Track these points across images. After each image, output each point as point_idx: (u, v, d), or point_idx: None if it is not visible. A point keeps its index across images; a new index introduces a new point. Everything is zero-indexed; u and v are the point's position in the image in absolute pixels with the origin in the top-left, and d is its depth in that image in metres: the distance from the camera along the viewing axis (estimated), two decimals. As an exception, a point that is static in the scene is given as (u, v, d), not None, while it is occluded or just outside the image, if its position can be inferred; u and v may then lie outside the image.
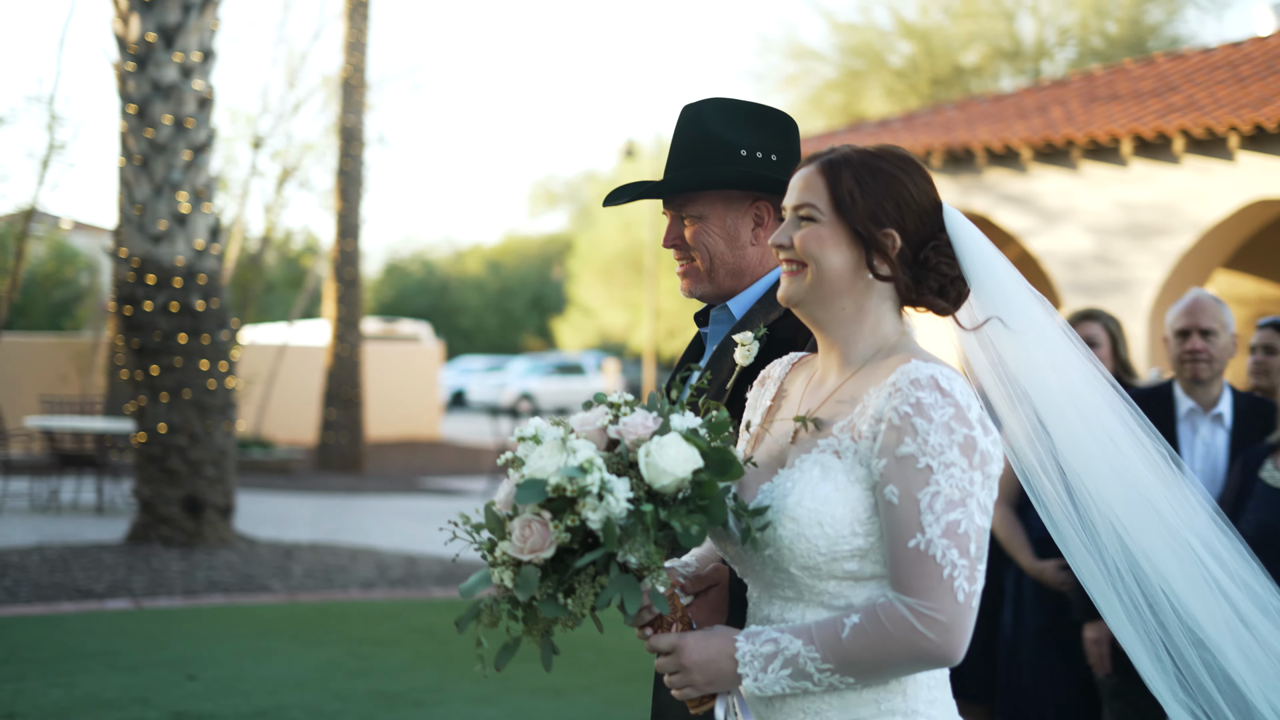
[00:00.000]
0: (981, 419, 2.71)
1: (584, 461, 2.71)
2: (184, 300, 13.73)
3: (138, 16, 13.59)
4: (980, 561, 2.67)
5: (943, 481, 2.66)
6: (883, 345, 2.89)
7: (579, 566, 2.72)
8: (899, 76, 30.97)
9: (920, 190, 2.87)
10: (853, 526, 2.74)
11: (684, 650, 2.79)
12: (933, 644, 2.64)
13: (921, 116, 23.16)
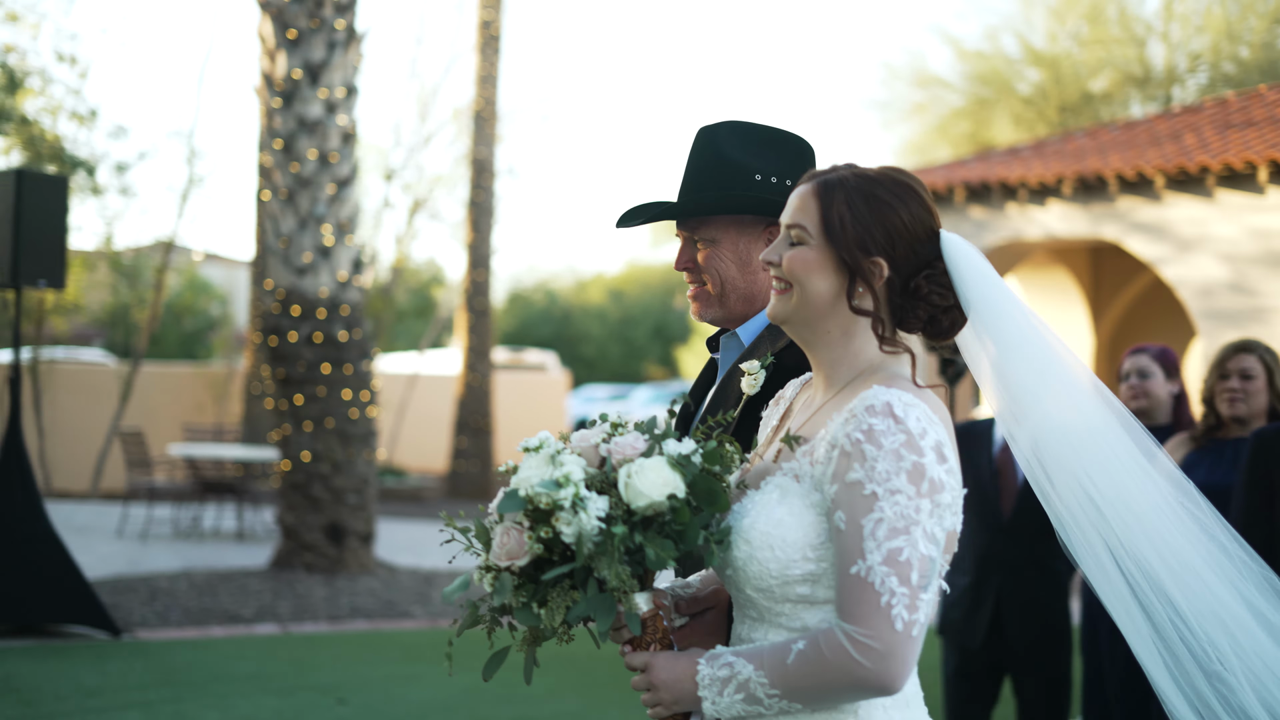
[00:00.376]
0: (938, 447, 2.67)
1: (560, 476, 2.75)
2: (328, 331, 14.01)
3: (285, 54, 13.92)
4: (924, 590, 2.62)
5: (887, 508, 2.62)
6: (865, 368, 2.86)
7: (548, 579, 2.76)
8: (1027, 104, 30.73)
9: (914, 218, 2.83)
10: (804, 551, 2.74)
11: (654, 669, 2.82)
12: (869, 672, 2.60)
13: (1051, 144, 23.00)
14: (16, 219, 10.74)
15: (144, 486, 18.06)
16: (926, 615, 2.65)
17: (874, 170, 2.90)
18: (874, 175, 2.88)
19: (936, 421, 2.71)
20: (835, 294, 2.84)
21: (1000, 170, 21.72)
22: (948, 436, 2.73)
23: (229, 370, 27.38)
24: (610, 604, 2.78)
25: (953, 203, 21.90)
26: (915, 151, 32.77)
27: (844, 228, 2.82)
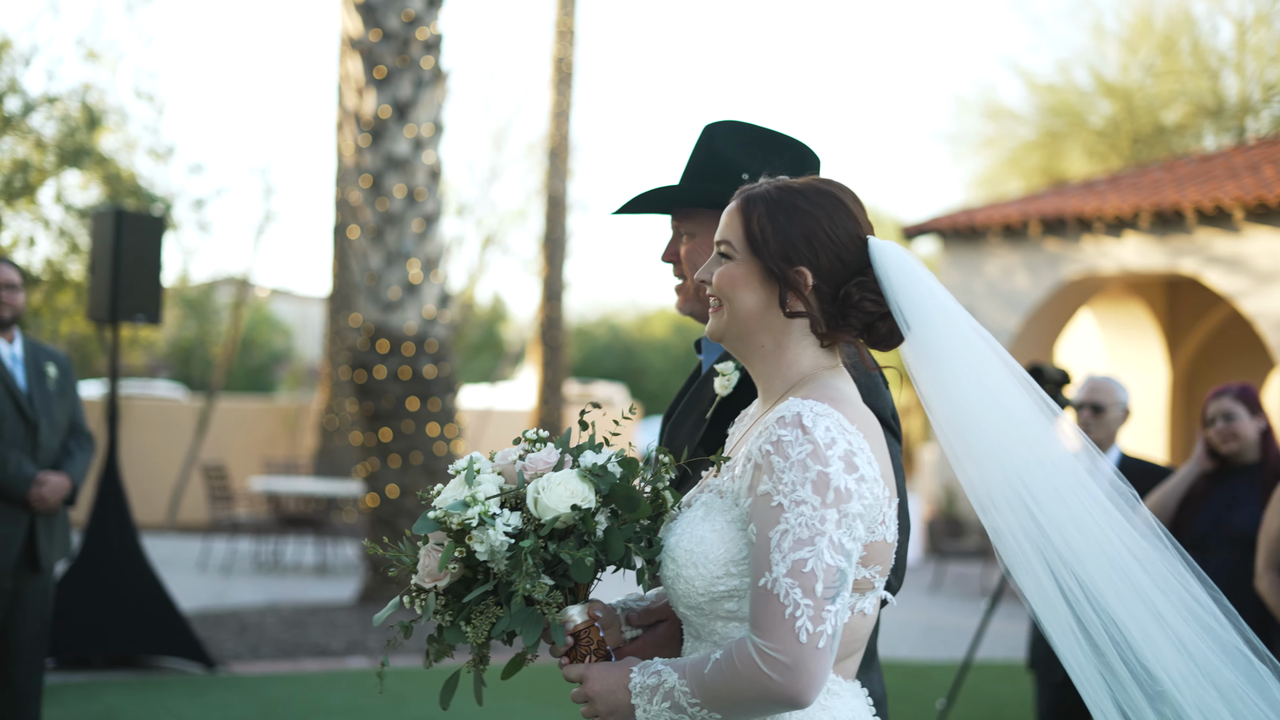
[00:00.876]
0: (847, 456, 2.64)
1: (468, 496, 2.79)
2: (415, 366, 14.10)
3: (373, 92, 14.06)
4: (830, 602, 2.59)
5: (792, 520, 2.60)
6: (797, 381, 2.85)
7: (469, 599, 2.79)
8: (1099, 136, 30.61)
9: (837, 225, 2.83)
10: (727, 567, 2.73)
11: (589, 680, 2.82)
12: (776, 685, 2.58)
13: (1127, 177, 22.91)
14: (115, 256, 10.90)
15: (226, 520, 18.20)
16: (835, 627, 2.60)
17: (798, 181, 2.91)
18: (796, 186, 2.88)
19: (851, 431, 2.68)
20: (764, 307, 2.84)
21: (1076, 203, 21.65)
22: (865, 445, 2.70)
23: (299, 404, 27.56)
24: (535, 617, 2.80)
25: (1027, 236, 21.83)
26: (986, 184, 32.70)
27: (765, 240, 2.83)
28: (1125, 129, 30.26)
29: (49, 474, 7.59)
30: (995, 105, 31.92)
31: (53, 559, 7.75)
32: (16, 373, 7.70)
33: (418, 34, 14.05)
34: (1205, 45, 30.57)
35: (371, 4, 14.05)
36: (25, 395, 7.66)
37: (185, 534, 22.30)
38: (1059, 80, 31.28)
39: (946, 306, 2.85)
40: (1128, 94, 30.33)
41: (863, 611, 2.79)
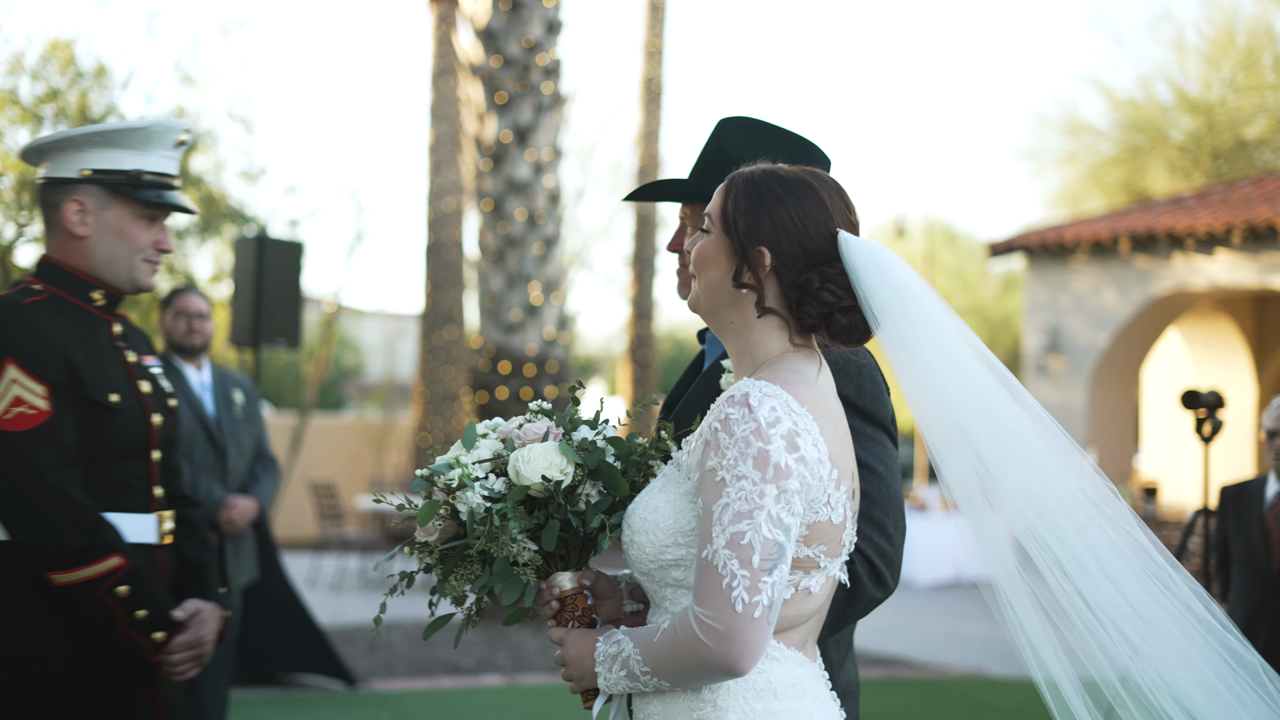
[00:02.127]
0: (789, 435, 2.72)
1: (453, 458, 2.97)
2: (536, 388, 14.30)
3: (494, 117, 14.30)
4: (766, 574, 2.66)
5: (733, 494, 2.68)
6: (764, 362, 2.91)
7: (444, 549, 2.97)
8: (1181, 151, 30.57)
9: (804, 213, 2.89)
10: (675, 536, 2.82)
11: (566, 644, 2.94)
12: (713, 652, 2.66)
13: (1215, 193, 22.91)
14: (258, 282, 11.11)
15: (335, 537, 18.44)
16: (771, 598, 2.68)
17: (785, 168, 2.98)
18: (779, 172, 2.96)
19: (799, 412, 2.76)
20: (729, 282, 2.93)
21: (1166, 220, 21.66)
22: (813, 427, 2.77)
23: (387, 421, 27.81)
24: (515, 578, 2.94)
25: (1117, 253, 21.86)
26: (1067, 201, 32.68)
27: (736, 218, 2.91)
28: (1206, 144, 30.20)
29: (237, 498, 7.82)
30: (1076, 121, 31.92)
31: (239, 580, 7.97)
32: (205, 399, 7.93)
33: (538, 60, 14.29)
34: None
35: (493, 31, 14.29)
36: (214, 421, 7.89)
37: (291, 550, 22.57)
38: (1140, 95, 31.26)
39: (923, 303, 2.91)
40: (1209, 109, 30.27)
41: (808, 589, 2.86)
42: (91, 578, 3.63)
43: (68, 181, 3.82)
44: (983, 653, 14.04)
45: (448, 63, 22.92)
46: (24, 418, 3.63)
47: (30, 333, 3.69)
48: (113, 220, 3.82)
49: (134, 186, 3.80)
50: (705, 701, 2.83)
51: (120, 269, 3.85)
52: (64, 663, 3.75)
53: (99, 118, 22.88)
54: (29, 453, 3.63)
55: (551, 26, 14.46)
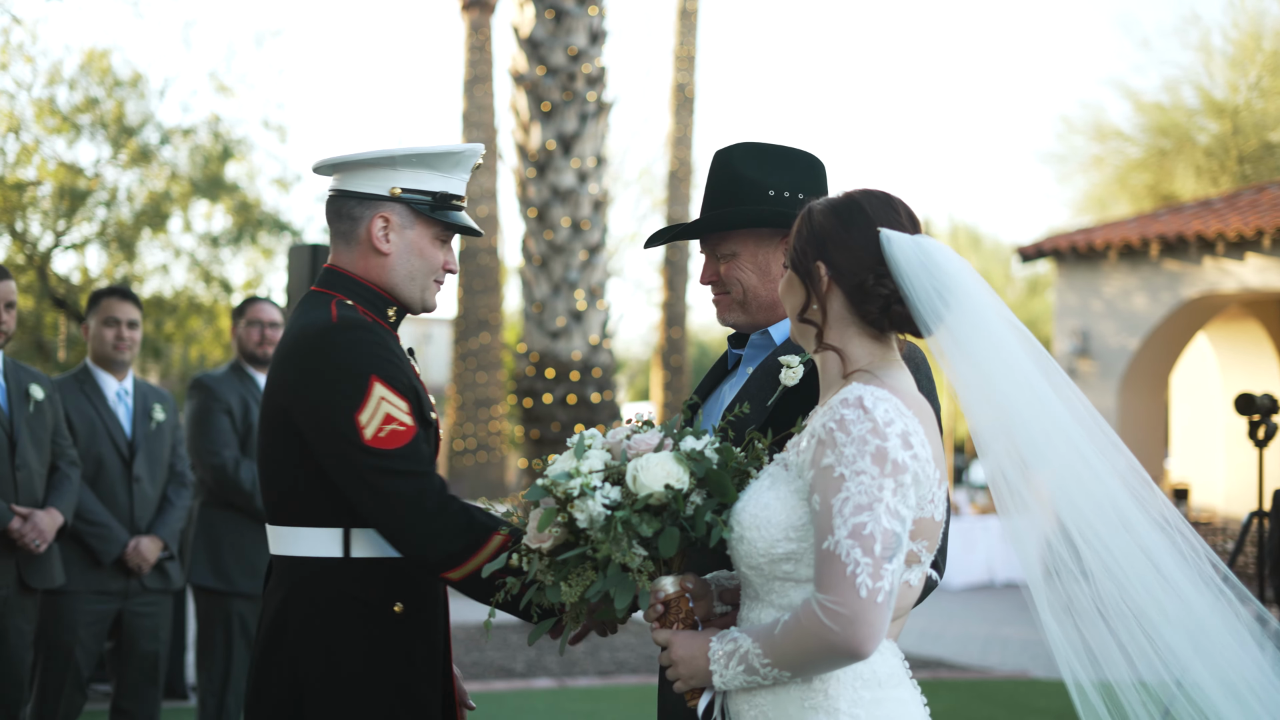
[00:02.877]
0: (904, 435, 2.89)
1: (573, 467, 3.06)
2: (580, 393, 14.45)
3: (539, 126, 14.45)
4: (887, 561, 2.81)
5: (852, 488, 2.83)
6: (854, 371, 3.07)
7: (562, 559, 3.07)
8: (1208, 155, 30.63)
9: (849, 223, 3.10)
10: (786, 532, 2.97)
11: (673, 645, 3.08)
12: (838, 636, 2.79)
13: (1244, 196, 22.96)
14: (311, 289, 11.24)
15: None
16: (893, 584, 2.83)
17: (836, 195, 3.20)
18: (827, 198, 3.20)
19: (908, 415, 2.93)
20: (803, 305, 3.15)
21: (1196, 224, 21.72)
22: (920, 429, 2.94)
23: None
24: (629, 583, 3.04)
25: (1147, 256, 21.93)
26: (1093, 205, 32.75)
27: (796, 247, 3.15)
28: (1233, 148, 30.26)
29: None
30: (1103, 125, 32.00)
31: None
32: (266, 407, 8.07)
33: (582, 69, 14.43)
34: (1314, 64, 30.53)
35: (537, 40, 14.44)
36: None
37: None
38: (1166, 100, 31.32)
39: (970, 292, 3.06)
40: (1235, 113, 30.32)
41: (908, 582, 3.03)
42: (484, 564, 3.58)
43: (375, 198, 3.85)
44: (1023, 654, 14.14)
45: (480, 71, 23.09)
46: (396, 435, 3.63)
47: (385, 349, 3.71)
48: (414, 239, 3.85)
49: (437, 208, 3.84)
50: (816, 692, 2.98)
51: (415, 288, 3.87)
52: (394, 683, 3.76)
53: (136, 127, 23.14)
54: (406, 468, 3.63)
55: (595, 36, 14.61)
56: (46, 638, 6.98)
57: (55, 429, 6.94)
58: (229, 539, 7.80)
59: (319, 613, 3.73)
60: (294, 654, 3.74)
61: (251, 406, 7.93)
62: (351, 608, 3.73)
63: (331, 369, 3.68)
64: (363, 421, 3.61)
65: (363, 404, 3.62)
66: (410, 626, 3.78)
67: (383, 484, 3.61)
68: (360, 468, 3.62)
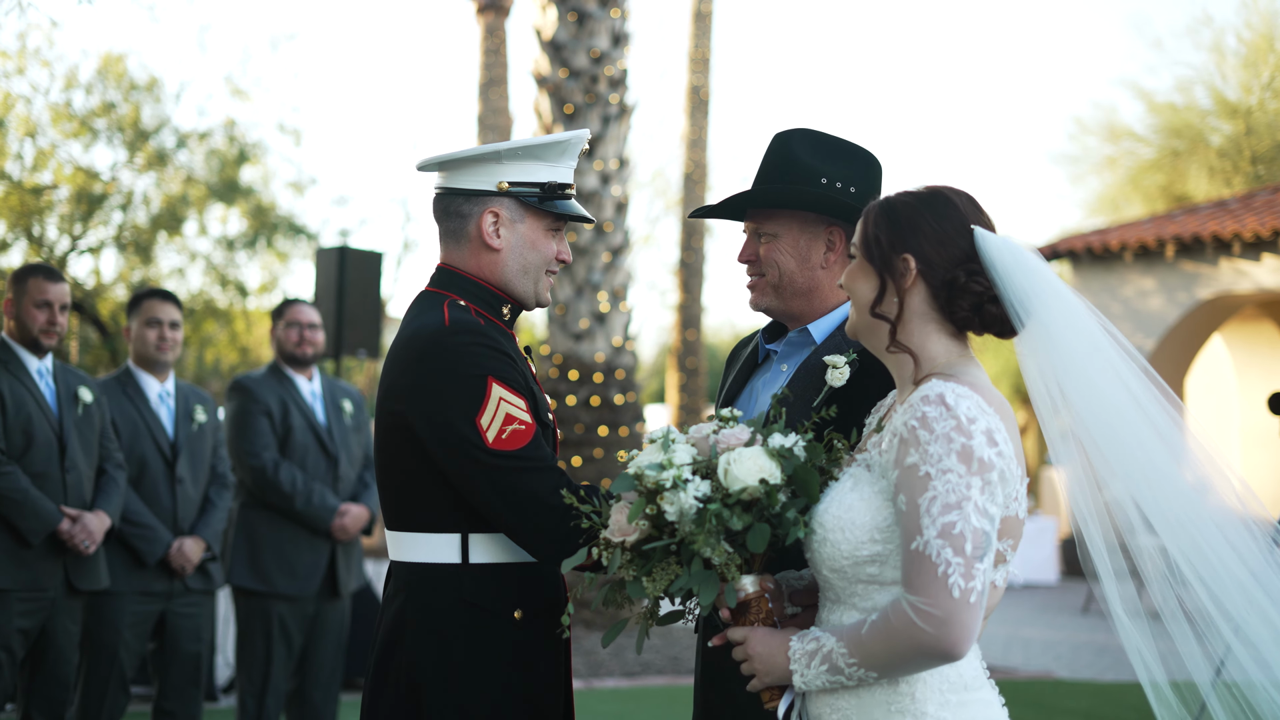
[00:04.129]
0: (988, 432, 2.86)
1: (665, 459, 3.03)
2: (604, 395, 14.45)
3: (561, 128, 14.45)
4: (978, 560, 2.80)
5: (939, 487, 2.81)
6: (931, 368, 3.06)
7: (649, 548, 3.04)
8: (1221, 156, 30.63)
9: (941, 217, 3.07)
10: (871, 534, 2.94)
11: (751, 643, 3.06)
12: (931, 637, 2.78)
13: (1260, 197, 22.96)
14: (340, 293, 11.24)
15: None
16: (984, 584, 2.81)
17: (913, 189, 3.17)
18: (908, 190, 3.16)
19: (990, 412, 2.90)
20: (876, 299, 3.11)
21: (1211, 224, 21.72)
22: (1002, 426, 2.91)
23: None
24: (713, 579, 3.02)
25: (1163, 258, 21.93)
26: (1106, 206, 32.73)
27: (877, 237, 3.11)
28: (1245, 149, 30.25)
29: (350, 505, 7.96)
30: (1116, 126, 31.98)
31: (350, 585, 8.13)
32: (316, 409, 8.08)
33: (605, 71, 14.45)
34: (1327, 64, 30.53)
35: (559, 43, 14.46)
36: (326, 430, 8.05)
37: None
38: (1179, 100, 31.32)
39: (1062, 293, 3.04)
40: (1248, 113, 30.32)
41: (994, 583, 3.01)
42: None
43: (483, 193, 3.81)
44: (1045, 655, 14.15)
45: (496, 73, 23.11)
46: (518, 434, 3.58)
47: (498, 350, 3.65)
48: (526, 232, 3.81)
49: (546, 199, 3.80)
50: (903, 695, 2.96)
51: (529, 281, 3.82)
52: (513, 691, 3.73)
53: (152, 130, 23.19)
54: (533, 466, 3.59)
55: (618, 38, 14.63)
56: (91, 638, 7.02)
57: (103, 431, 6.98)
58: (269, 541, 7.84)
59: (436, 618, 3.69)
60: (411, 659, 3.70)
61: (291, 408, 7.95)
62: (469, 614, 3.69)
63: (448, 374, 3.62)
64: (484, 425, 3.57)
65: (483, 407, 3.57)
66: (530, 634, 3.73)
67: (510, 484, 3.56)
68: (487, 470, 3.57)
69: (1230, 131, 30.73)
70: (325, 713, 8.08)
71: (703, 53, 24.92)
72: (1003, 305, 3.05)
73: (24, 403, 6.61)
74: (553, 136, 3.82)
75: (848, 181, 3.79)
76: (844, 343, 3.74)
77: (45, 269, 6.84)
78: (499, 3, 22.85)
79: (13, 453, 6.55)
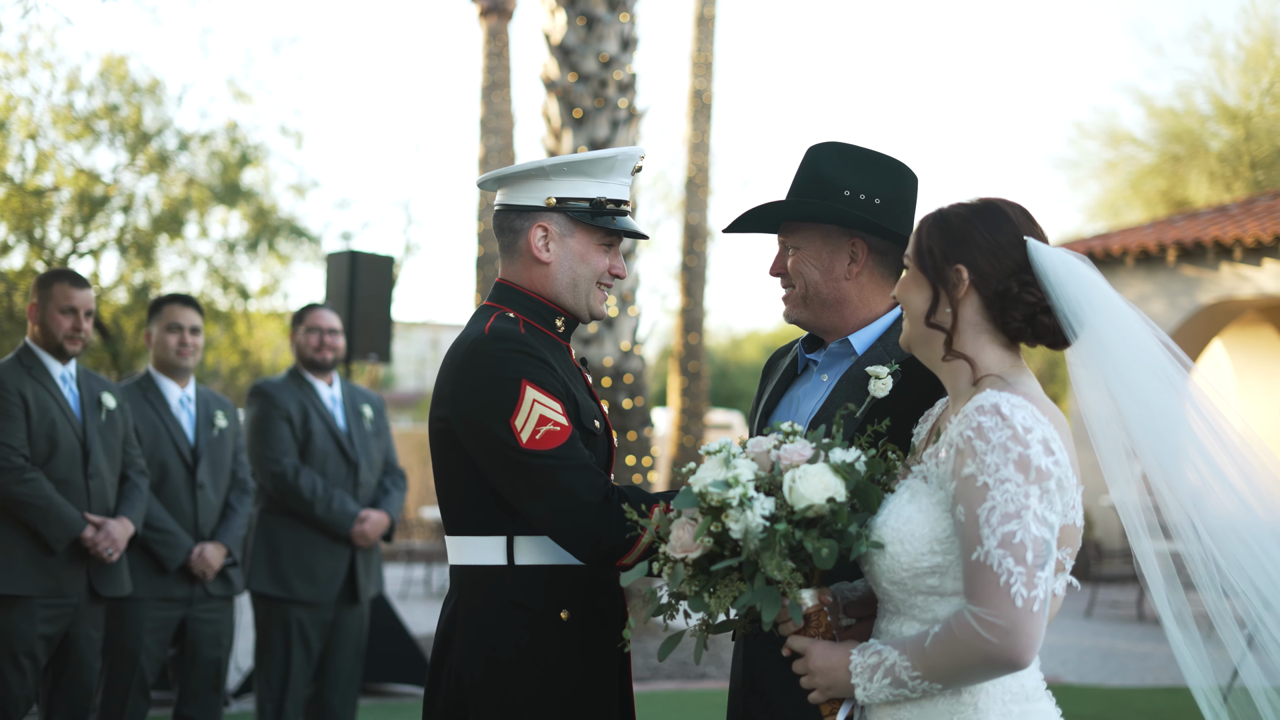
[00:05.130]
0: (1044, 441, 2.87)
1: (730, 477, 3.01)
2: (613, 399, 14.42)
3: (570, 132, 14.44)
4: (1039, 569, 2.81)
5: (998, 496, 2.82)
6: (983, 378, 3.06)
7: (716, 569, 3.03)
8: (1221, 161, 30.68)
9: (994, 228, 3.08)
10: (930, 545, 2.96)
11: (811, 656, 3.08)
12: (995, 648, 2.79)
13: (1260, 202, 23.00)
14: (350, 297, 11.21)
15: (403, 548, 18.60)
16: (1046, 592, 2.82)
17: (966, 200, 3.18)
18: (961, 202, 3.17)
19: (1044, 421, 2.91)
20: (929, 309, 3.12)
21: (1213, 230, 21.74)
22: (1057, 434, 2.91)
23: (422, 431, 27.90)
24: (775, 596, 3.01)
25: (1165, 263, 21.96)
26: (1106, 210, 32.77)
27: (931, 248, 3.12)
28: (1245, 154, 30.31)
29: (370, 511, 7.96)
30: (1116, 130, 32.02)
31: (369, 591, 8.12)
32: (336, 414, 8.08)
33: (614, 75, 14.45)
34: (1326, 69, 30.58)
35: (568, 47, 14.46)
36: (346, 435, 8.04)
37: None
38: (1179, 105, 31.37)
39: (1116, 305, 3.04)
40: (1248, 119, 30.37)
41: (1054, 591, 2.99)
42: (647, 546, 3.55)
43: (533, 209, 3.89)
44: (1052, 659, 14.14)
45: (498, 77, 23.07)
46: (552, 435, 3.65)
47: (534, 356, 3.72)
48: (575, 247, 3.88)
49: (596, 214, 3.87)
50: (965, 705, 2.97)
51: (580, 295, 3.89)
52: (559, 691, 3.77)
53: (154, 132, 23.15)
54: (568, 465, 3.65)
55: (626, 43, 14.63)
56: (112, 644, 7.01)
57: (126, 438, 6.96)
58: (288, 546, 7.83)
59: (483, 618, 3.78)
60: (460, 658, 3.79)
61: (311, 414, 7.94)
62: (516, 614, 3.77)
63: (483, 379, 3.72)
64: (518, 425, 3.65)
65: (516, 409, 3.65)
66: (578, 634, 3.79)
67: (544, 482, 3.64)
68: (521, 469, 3.65)
69: (1230, 137, 30.79)
70: (343, 718, 8.08)
71: (705, 57, 24.90)
72: (1055, 316, 3.05)
73: (48, 409, 6.61)
74: (599, 153, 3.89)
75: (872, 193, 3.82)
76: (885, 354, 3.77)
77: (70, 275, 6.82)
78: (502, 6, 22.82)
79: (36, 459, 6.54)
